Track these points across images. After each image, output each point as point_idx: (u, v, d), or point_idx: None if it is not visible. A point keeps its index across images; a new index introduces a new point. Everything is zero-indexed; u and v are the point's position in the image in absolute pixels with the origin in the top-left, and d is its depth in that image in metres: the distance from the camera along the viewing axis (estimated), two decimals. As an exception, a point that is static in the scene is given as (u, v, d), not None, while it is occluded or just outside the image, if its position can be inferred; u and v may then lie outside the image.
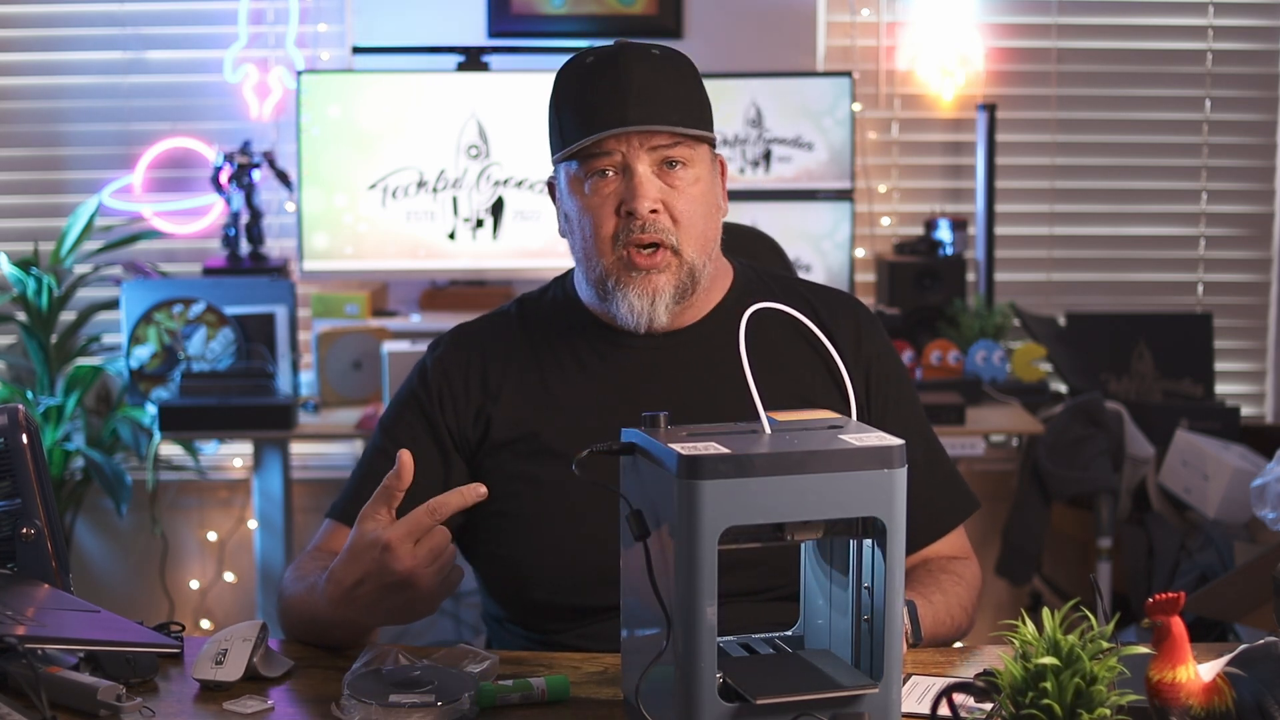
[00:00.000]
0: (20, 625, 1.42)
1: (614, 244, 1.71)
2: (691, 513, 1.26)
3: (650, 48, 1.74)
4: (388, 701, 1.40)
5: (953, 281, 3.81)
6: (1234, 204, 4.16)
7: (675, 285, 1.72)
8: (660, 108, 1.69)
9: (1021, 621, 1.24)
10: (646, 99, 1.68)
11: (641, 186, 1.69)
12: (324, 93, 3.65)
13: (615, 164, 1.70)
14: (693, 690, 1.28)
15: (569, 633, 1.75)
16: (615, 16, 3.95)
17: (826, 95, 3.78)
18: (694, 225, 1.72)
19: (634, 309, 1.72)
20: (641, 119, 1.68)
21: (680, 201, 1.71)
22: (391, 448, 1.78)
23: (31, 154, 4.01)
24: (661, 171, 1.70)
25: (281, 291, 3.49)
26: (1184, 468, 3.54)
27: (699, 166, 1.73)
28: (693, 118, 1.71)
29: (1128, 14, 4.08)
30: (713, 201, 1.76)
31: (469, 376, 1.81)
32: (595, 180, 1.71)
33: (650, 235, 1.69)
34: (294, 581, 1.69)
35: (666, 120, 1.69)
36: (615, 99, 1.68)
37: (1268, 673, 1.27)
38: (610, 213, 1.71)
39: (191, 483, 4.06)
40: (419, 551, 1.49)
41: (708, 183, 1.74)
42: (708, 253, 1.75)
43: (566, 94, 1.73)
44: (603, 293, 1.74)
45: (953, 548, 1.85)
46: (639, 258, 1.70)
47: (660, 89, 1.69)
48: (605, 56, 1.72)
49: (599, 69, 1.71)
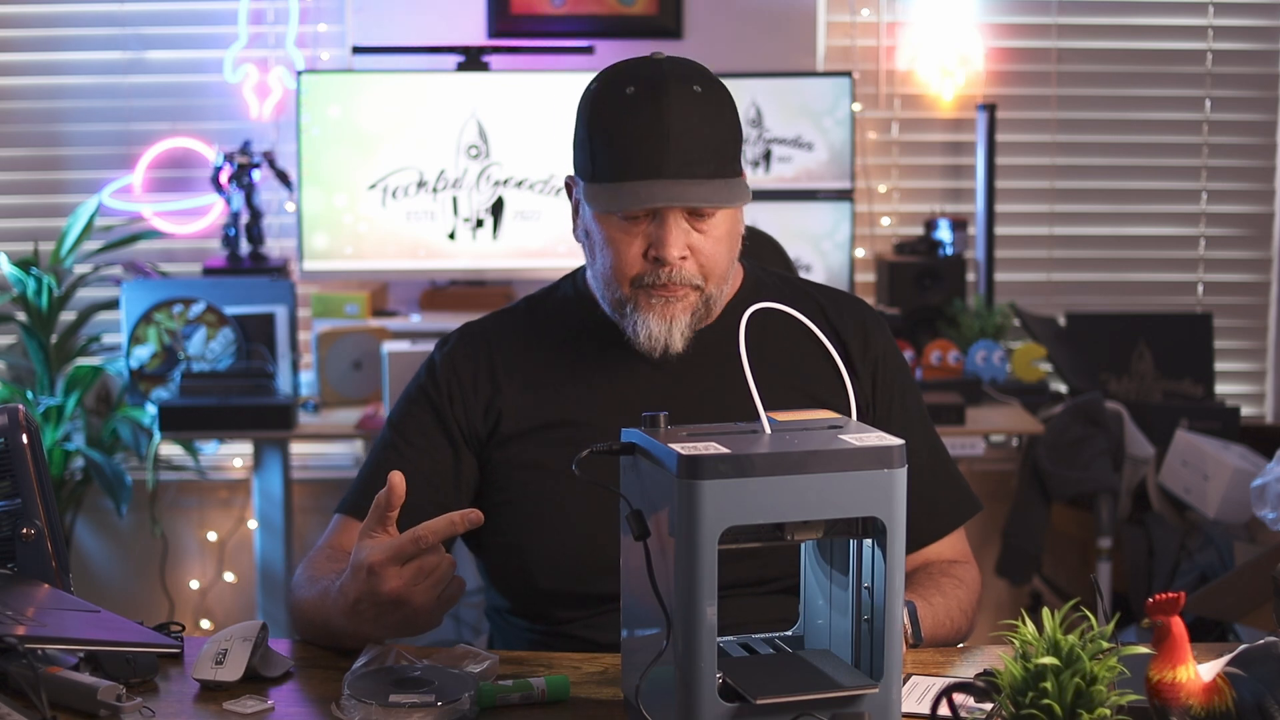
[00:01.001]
0: (20, 625, 1.42)
1: (634, 282, 1.71)
2: (691, 513, 1.26)
3: (693, 83, 1.68)
4: (388, 701, 1.40)
5: (953, 281, 3.81)
6: (1234, 204, 4.16)
7: (693, 315, 1.73)
8: (700, 161, 1.66)
9: (1021, 621, 1.24)
10: (685, 149, 1.65)
11: (670, 234, 1.67)
12: (324, 93, 3.65)
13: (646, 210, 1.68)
14: (693, 690, 1.28)
15: (574, 623, 1.75)
16: (615, 16, 3.95)
17: (826, 95, 3.78)
18: (720, 267, 1.73)
19: (651, 335, 1.72)
20: (679, 173, 1.65)
21: (707, 246, 1.71)
22: (402, 443, 1.80)
23: (31, 154, 4.01)
24: (691, 218, 1.69)
25: (281, 291, 3.49)
26: (1184, 468, 3.54)
27: (728, 210, 1.72)
28: (730, 166, 1.69)
29: (1128, 14, 4.08)
30: (736, 234, 1.75)
31: (478, 372, 1.81)
32: (623, 218, 1.69)
33: (676, 283, 1.70)
34: (307, 583, 1.69)
35: (704, 174, 1.66)
36: (654, 147, 1.64)
37: (1268, 673, 1.27)
38: (638, 254, 1.70)
39: (191, 483, 4.06)
40: (405, 573, 1.49)
41: (734, 221, 1.74)
42: (726, 280, 1.76)
43: (600, 120, 1.69)
44: (621, 315, 1.75)
45: (953, 550, 1.86)
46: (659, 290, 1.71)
47: (699, 135, 1.66)
48: (646, 90, 1.66)
49: (639, 104, 1.66)
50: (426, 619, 1.53)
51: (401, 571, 1.49)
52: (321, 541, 1.80)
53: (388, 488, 1.51)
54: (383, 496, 1.52)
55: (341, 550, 1.74)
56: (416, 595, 1.50)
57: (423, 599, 1.50)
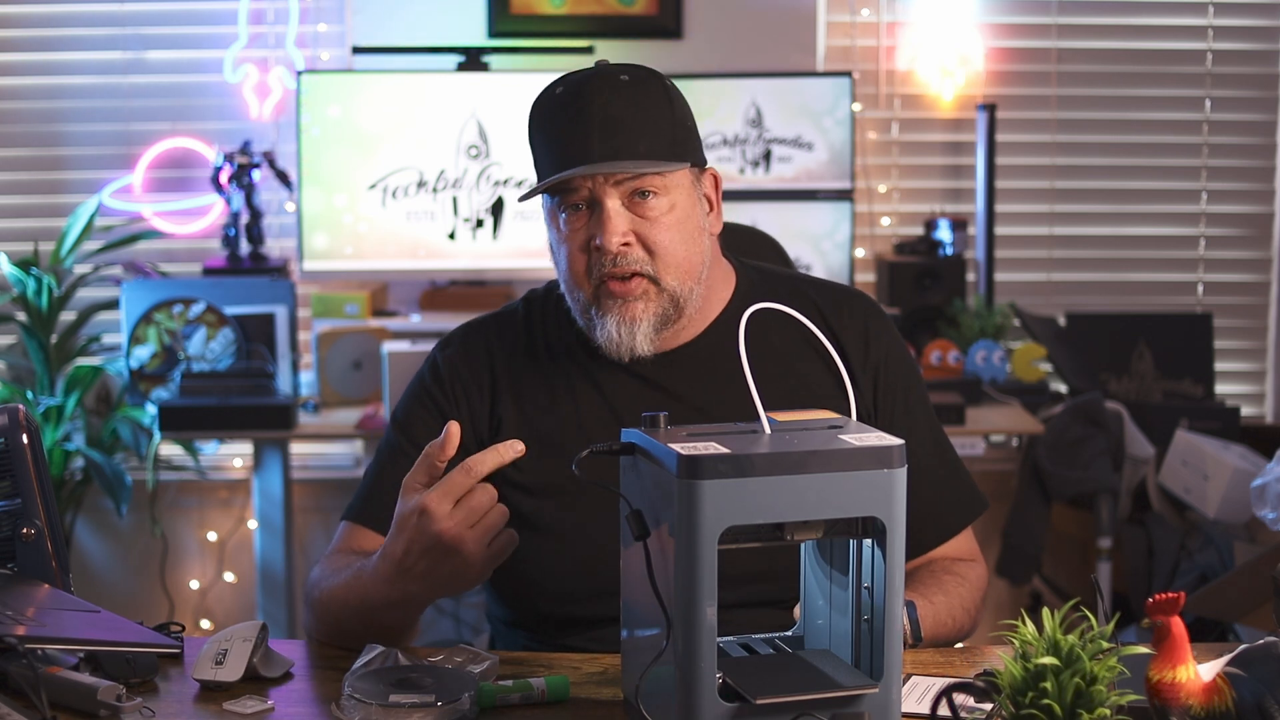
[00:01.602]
0: (20, 625, 1.42)
1: (588, 278, 1.70)
2: (691, 513, 1.26)
3: (620, 73, 1.70)
4: (388, 701, 1.40)
5: (953, 281, 3.81)
6: (1234, 204, 4.16)
7: (656, 313, 1.70)
8: (625, 140, 1.65)
9: (1021, 621, 1.24)
10: (611, 133, 1.65)
11: (610, 222, 1.66)
12: (324, 93, 3.65)
13: (584, 199, 1.68)
14: (693, 690, 1.28)
15: (574, 637, 1.74)
16: (615, 16, 3.95)
17: (826, 95, 3.78)
18: (671, 254, 1.69)
19: (613, 339, 1.70)
20: (605, 155, 1.65)
21: (653, 232, 1.68)
22: (407, 443, 1.77)
23: (31, 154, 4.01)
24: (632, 203, 1.68)
25: (281, 291, 3.49)
26: (1184, 468, 3.54)
27: (674, 193, 1.70)
28: (661, 147, 1.67)
29: (1128, 14, 4.08)
30: (693, 226, 1.72)
31: (480, 376, 1.80)
32: (568, 214, 1.70)
33: (622, 268, 1.68)
34: (330, 576, 1.66)
35: (632, 154, 1.65)
36: (579, 134, 1.65)
37: (1268, 673, 1.27)
38: (580, 248, 1.69)
39: (191, 483, 4.06)
40: (457, 514, 1.46)
41: (685, 208, 1.71)
42: (694, 278, 1.72)
43: (537, 125, 1.72)
44: (587, 321, 1.73)
45: (959, 549, 1.85)
46: (614, 285, 1.69)
47: (625, 121, 1.66)
48: (571, 87, 1.69)
49: (566, 100, 1.68)
50: (476, 571, 1.50)
51: (453, 512, 1.46)
52: (332, 546, 1.78)
53: (443, 437, 1.49)
54: (435, 445, 1.49)
55: (356, 551, 1.72)
56: (468, 540, 1.47)
57: (474, 545, 1.47)
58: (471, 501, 1.47)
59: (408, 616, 1.62)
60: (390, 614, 1.59)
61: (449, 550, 1.47)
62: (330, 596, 1.65)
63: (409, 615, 1.62)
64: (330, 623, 1.66)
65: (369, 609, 1.59)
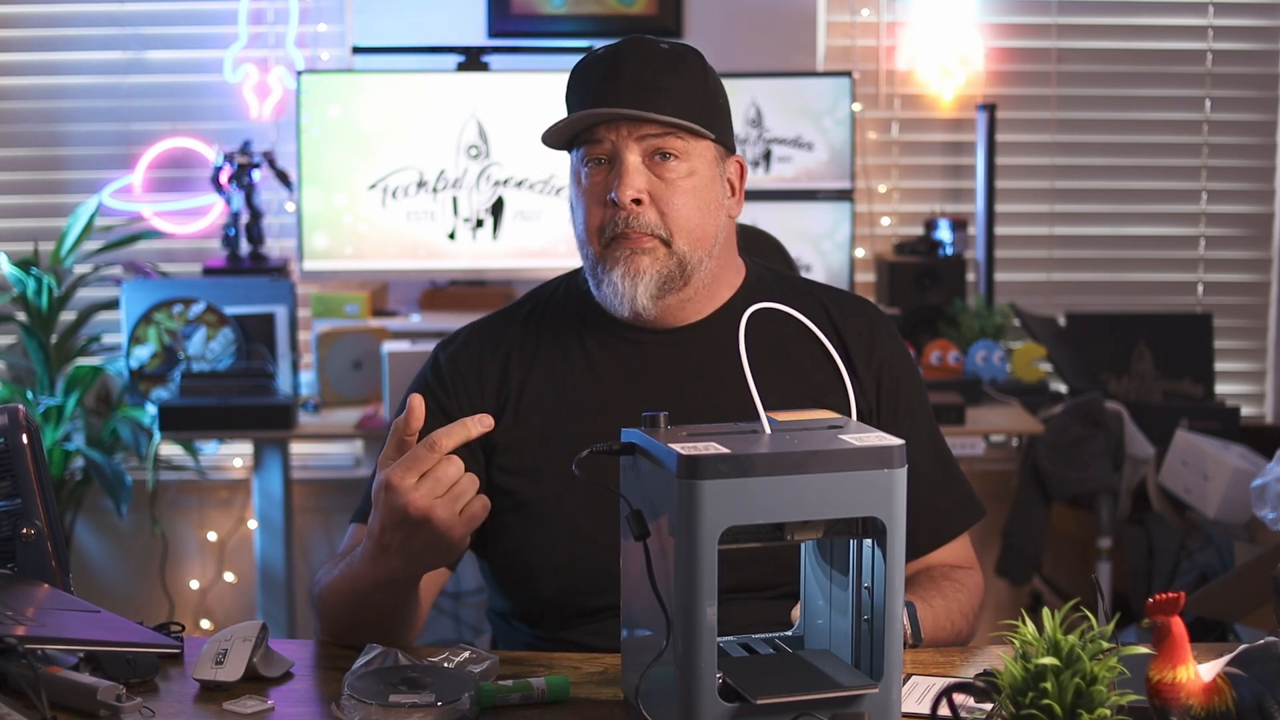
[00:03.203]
0: (20, 625, 1.42)
1: (601, 234, 1.71)
2: (691, 513, 1.26)
3: (660, 42, 1.74)
4: (388, 701, 1.40)
5: (953, 281, 3.81)
6: (1234, 204, 4.16)
7: (660, 271, 1.71)
8: (653, 96, 1.68)
9: (1021, 621, 1.24)
10: (640, 87, 1.68)
11: (627, 175, 1.68)
12: (324, 93, 3.65)
13: (606, 152, 1.70)
14: (693, 690, 1.28)
15: (575, 630, 1.75)
16: (615, 16, 3.95)
17: (826, 95, 3.78)
18: (684, 218, 1.71)
19: (617, 290, 1.71)
20: (630, 105, 1.67)
21: (669, 193, 1.70)
22: None
23: (31, 154, 4.01)
24: (652, 163, 1.70)
25: (281, 291, 3.49)
26: (1184, 468, 3.54)
27: (695, 160, 1.71)
28: (690, 111, 1.70)
29: (1128, 14, 4.08)
30: (710, 197, 1.73)
31: (482, 373, 1.81)
32: (590, 169, 1.72)
33: (634, 229, 1.69)
34: (328, 573, 1.68)
35: (658, 109, 1.67)
36: (611, 86, 1.68)
37: (1268, 673, 1.27)
38: (597, 201, 1.71)
39: (191, 483, 4.06)
40: (423, 485, 1.46)
41: (705, 178, 1.72)
42: (704, 248, 1.73)
43: (573, 84, 1.75)
44: (595, 279, 1.74)
45: (956, 556, 1.85)
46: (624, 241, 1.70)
47: (657, 81, 1.69)
48: (611, 48, 1.73)
49: (604, 57, 1.72)
50: (451, 540, 1.49)
51: (419, 484, 1.46)
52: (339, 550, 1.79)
53: (406, 411, 1.50)
54: (401, 421, 1.50)
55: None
56: (438, 509, 1.46)
57: (445, 513, 1.46)
58: (437, 473, 1.47)
59: (397, 598, 1.61)
60: (378, 597, 1.59)
61: (418, 522, 1.47)
62: (328, 590, 1.66)
63: (398, 596, 1.61)
64: (331, 618, 1.66)
65: (359, 594, 1.60)
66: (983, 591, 1.84)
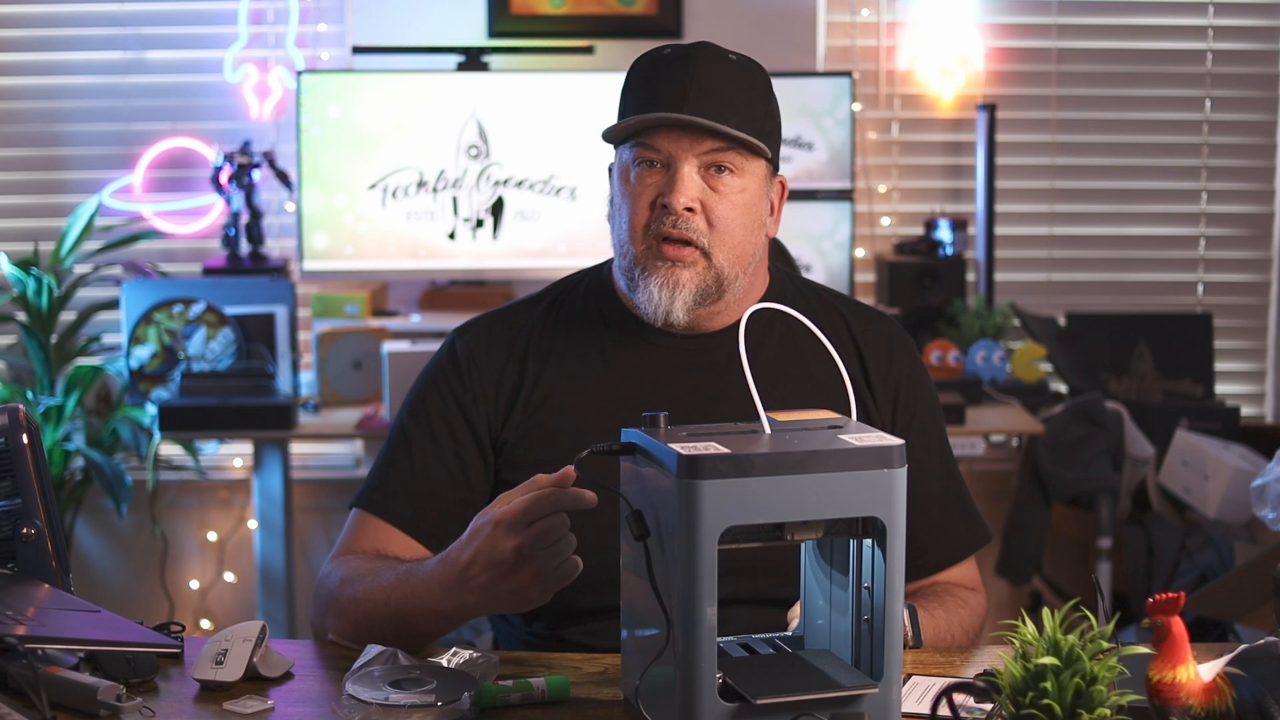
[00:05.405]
0: (20, 625, 1.42)
1: (645, 234, 1.70)
2: (691, 513, 1.26)
3: (729, 52, 1.72)
4: (388, 701, 1.40)
5: (953, 281, 3.81)
6: (1234, 204, 4.16)
7: (699, 285, 1.70)
8: (721, 108, 1.66)
9: (1021, 621, 1.24)
10: (709, 96, 1.66)
11: (682, 183, 1.67)
12: (324, 93, 3.65)
13: (662, 158, 1.69)
14: (693, 690, 1.28)
15: (575, 630, 1.75)
16: (615, 16, 3.95)
17: (826, 95, 3.78)
18: (730, 233, 1.70)
19: (653, 299, 1.70)
20: (699, 114, 1.65)
21: (720, 206, 1.69)
22: (419, 430, 1.77)
23: (31, 154, 4.01)
24: (707, 174, 1.69)
25: (281, 291, 3.49)
26: (1184, 468, 3.54)
27: (748, 178, 1.71)
28: (753, 127, 1.69)
29: (1128, 14, 4.08)
30: (756, 215, 1.73)
31: (496, 364, 1.80)
32: (641, 169, 1.70)
33: (681, 232, 1.68)
34: (365, 577, 1.63)
35: (725, 122, 1.66)
36: (678, 90, 1.66)
37: (1268, 673, 1.27)
38: (646, 204, 1.70)
39: (191, 483, 4.06)
40: (531, 532, 1.44)
41: (754, 196, 1.72)
42: (742, 265, 1.73)
43: (634, 80, 1.73)
44: (630, 281, 1.73)
45: (963, 577, 1.85)
46: (667, 248, 1.69)
47: (725, 91, 1.67)
48: (680, 49, 1.71)
49: (672, 59, 1.70)
50: (537, 592, 1.48)
51: (528, 530, 1.44)
52: (343, 538, 1.77)
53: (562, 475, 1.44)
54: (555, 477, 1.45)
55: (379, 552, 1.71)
56: (540, 559, 1.45)
57: (540, 565, 1.45)
58: (550, 523, 1.45)
59: (447, 628, 1.60)
60: (430, 622, 1.57)
61: (515, 567, 1.46)
62: (367, 597, 1.62)
63: (449, 627, 1.60)
64: (357, 623, 1.63)
65: (411, 614, 1.57)
66: (984, 613, 1.84)
